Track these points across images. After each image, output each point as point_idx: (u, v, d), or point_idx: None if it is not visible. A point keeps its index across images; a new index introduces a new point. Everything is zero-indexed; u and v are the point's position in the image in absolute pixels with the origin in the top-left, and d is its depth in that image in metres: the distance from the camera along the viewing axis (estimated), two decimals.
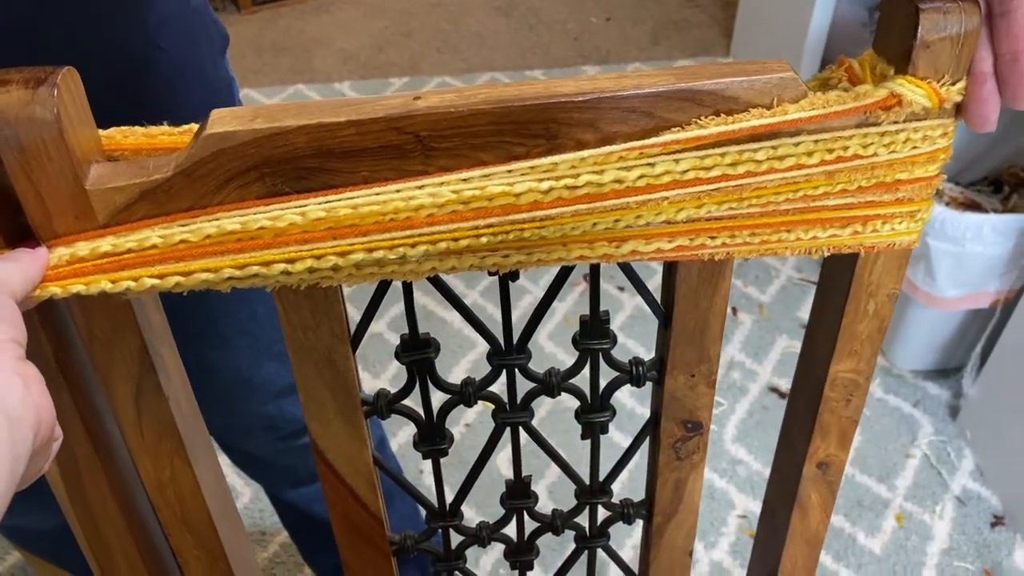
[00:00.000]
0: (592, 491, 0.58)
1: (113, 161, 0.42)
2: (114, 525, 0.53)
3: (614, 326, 1.61)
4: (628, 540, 1.26)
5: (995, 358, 1.37)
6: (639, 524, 0.61)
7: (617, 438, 1.40)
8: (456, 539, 0.60)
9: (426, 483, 1.44)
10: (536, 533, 0.61)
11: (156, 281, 0.40)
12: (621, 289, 1.72)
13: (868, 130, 0.41)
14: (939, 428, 1.48)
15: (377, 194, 0.40)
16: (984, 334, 1.42)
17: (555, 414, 1.47)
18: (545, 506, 1.30)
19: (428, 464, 1.40)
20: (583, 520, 0.61)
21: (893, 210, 0.45)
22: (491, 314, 1.64)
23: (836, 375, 0.53)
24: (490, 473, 1.29)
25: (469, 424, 1.53)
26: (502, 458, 1.41)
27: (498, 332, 0.50)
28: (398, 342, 0.49)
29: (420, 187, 0.40)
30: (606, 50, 2.43)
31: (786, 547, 0.64)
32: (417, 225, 0.40)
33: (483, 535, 0.59)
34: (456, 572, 0.61)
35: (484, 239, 0.41)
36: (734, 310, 1.69)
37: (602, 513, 0.60)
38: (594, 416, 0.54)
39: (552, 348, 1.61)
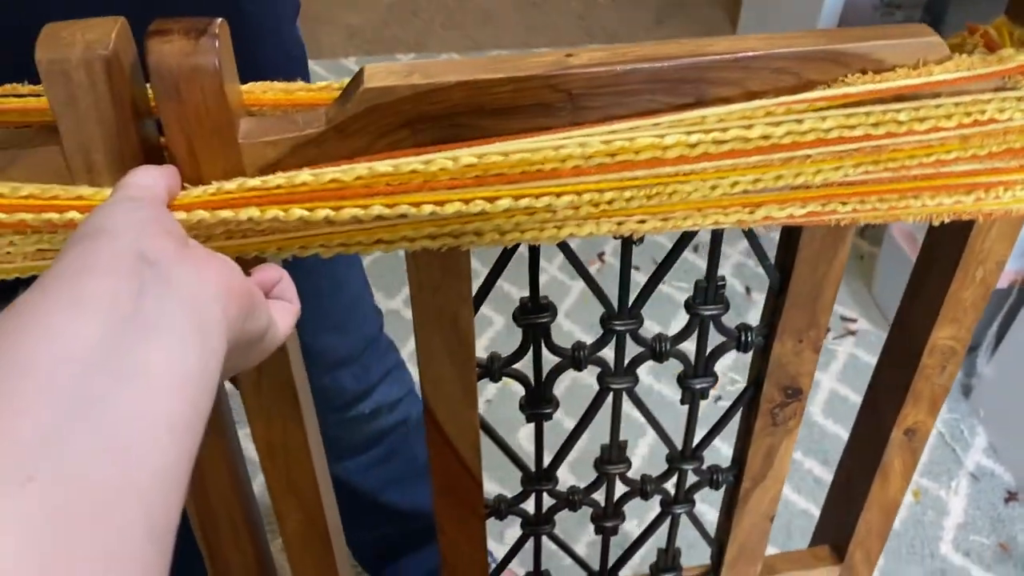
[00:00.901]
0: (684, 456, 0.59)
1: (255, 116, 0.41)
2: (220, 490, 0.52)
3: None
4: (705, 504, 1.27)
5: (1011, 338, 1.39)
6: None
7: (672, 399, 1.38)
8: (547, 503, 0.60)
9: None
10: (624, 498, 0.61)
11: (305, 213, 0.39)
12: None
13: (1006, 94, 0.42)
14: (952, 406, 1.51)
15: (527, 143, 0.39)
16: (1000, 314, 1.44)
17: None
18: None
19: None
20: (669, 485, 0.61)
21: (1016, 176, 0.45)
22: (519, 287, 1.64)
23: (936, 342, 0.54)
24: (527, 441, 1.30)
25: (490, 400, 1.53)
26: (524, 434, 1.41)
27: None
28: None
29: (569, 137, 0.40)
30: (611, 30, 2.43)
31: (863, 513, 0.65)
32: (564, 175, 0.40)
33: (575, 499, 0.60)
34: (543, 536, 0.62)
35: (628, 193, 0.41)
36: (747, 289, 1.70)
37: (690, 479, 0.61)
38: (697, 381, 0.54)
39: (569, 326, 1.61)
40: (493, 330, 1.61)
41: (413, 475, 1.10)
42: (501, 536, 1.35)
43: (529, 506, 0.60)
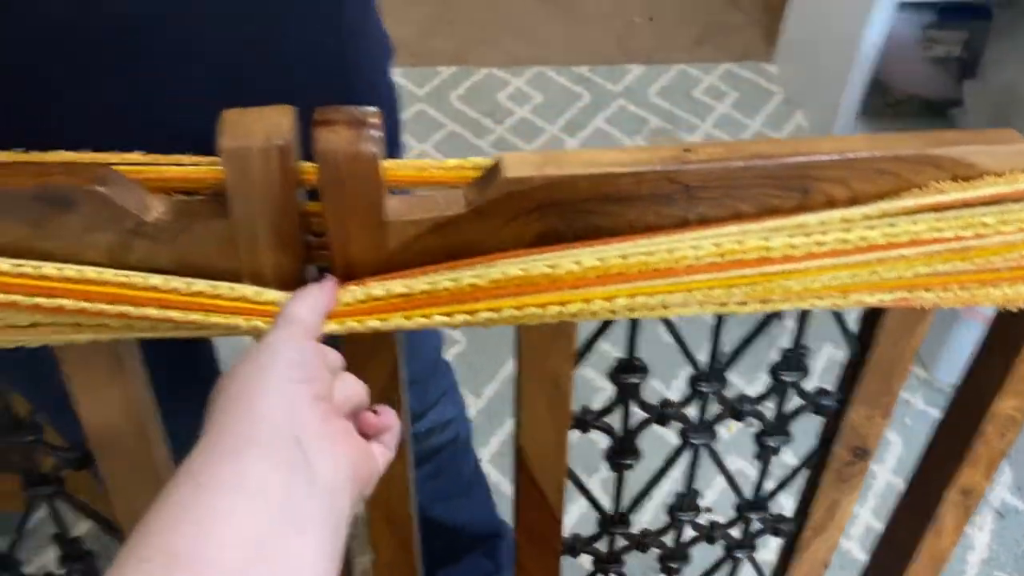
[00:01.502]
0: (753, 506, 0.62)
1: (396, 194, 0.45)
2: None
3: None
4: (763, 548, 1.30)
5: None
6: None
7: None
8: (619, 543, 0.64)
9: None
10: (692, 542, 0.65)
11: (445, 319, 0.43)
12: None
13: None
14: None
15: (644, 245, 0.43)
16: None
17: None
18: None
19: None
20: (735, 531, 0.65)
21: None
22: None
23: (997, 411, 0.57)
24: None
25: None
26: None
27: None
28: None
29: (681, 240, 0.43)
30: (650, 50, 2.46)
31: (911, 564, 0.68)
32: (678, 273, 0.44)
33: (646, 541, 0.63)
34: (612, 574, 0.65)
35: (736, 289, 0.44)
36: None
37: (754, 525, 0.64)
38: (773, 440, 0.58)
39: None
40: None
41: (458, 492, 1.14)
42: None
43: (601, 545, 0.64)
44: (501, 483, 1.50)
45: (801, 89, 2.19)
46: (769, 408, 0.57)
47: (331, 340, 0.42)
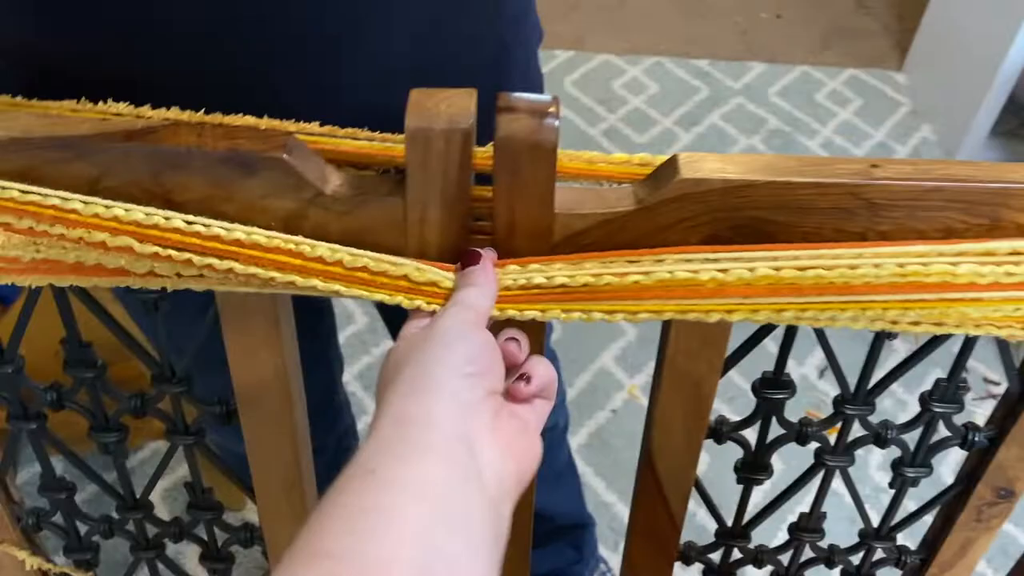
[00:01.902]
0: (879, 535, 0.60)
1: (567, 185, 0.45)
2: None
3: None
4: None
5: None
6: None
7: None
8: (734, 555, 0.63)
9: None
10: (809, 563, 0.63)
11: (605, 316, 0.42)
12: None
13: None
14: None
15: (821, 257, 0.42)
16: None
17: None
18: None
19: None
20: (855, 558, 0.63)
21: None
22: None
23: None
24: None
25: (615, 410, 1.56)
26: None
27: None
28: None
29: (861, 256, 0.42)
30: (774, 49, 2.39)
31: None
32: (855, 291, 0.42)
33: (762, 557, 0.62)
34: None
35: (911, 312, 0.43)
36: None
37: (877, 554, 0.62)
38: (912, 471, 0.55)
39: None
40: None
41: (551, 479, 1.14)
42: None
43: (715, 555, 0.63)
44: (586, 474, 1.49)
45: (930, 101, 2.10)
46: (912, 437, 0.54)
47: None
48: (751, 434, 0.55)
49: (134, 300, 0.47)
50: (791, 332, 0.49)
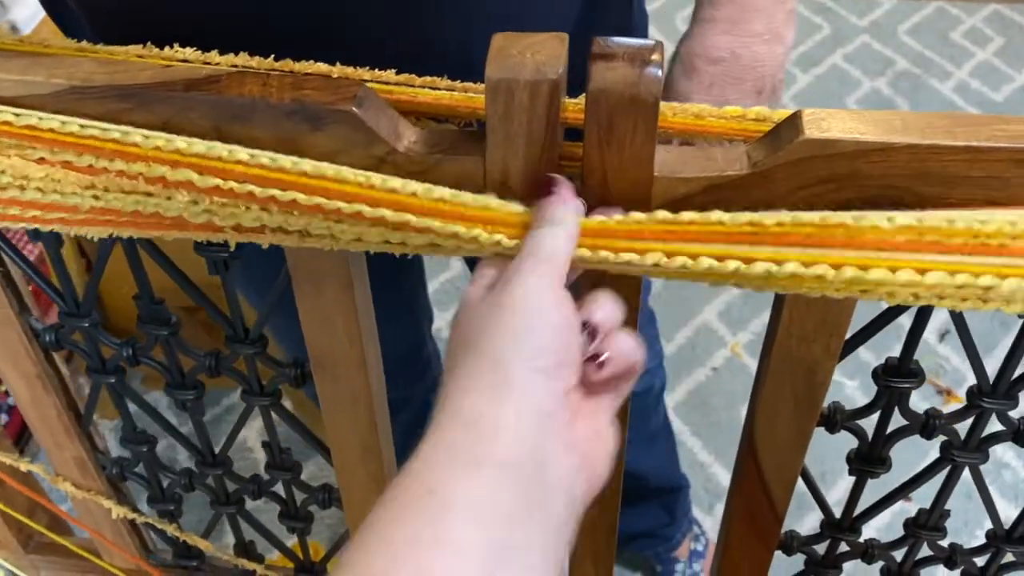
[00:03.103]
0: (1010, 539, 0.54)
1: (671, 144, 0.40)
2: None
3: None
4: None
5: None
6: None
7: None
8: (840, 547, 0.57)
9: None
10: (923, 562, 0.57)
11: (714, 263, 0.36)
12: None
13: None
14: None
15: (977, 213, 0.35)
16: None
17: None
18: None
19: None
20: (980, 559, 0.57)
21: None
22: None
23: None
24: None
25: (716, 368, 1.50)
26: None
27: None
28: None
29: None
30: None
31: None
32: (1015, 252, 0.35)
33: (872, 552, 0.56)
34: None
35: None
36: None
37: (1007, 559, 0.56)
38: None
39: None
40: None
41: (645, 440, 1.10)
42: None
43: (821, 547, 0.58)
44: (683, 433, 1.44)
45: None
46: None
47: None
48: (869, 423, 0.49)
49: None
50: (924, 313, 0.43)
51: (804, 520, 1.23)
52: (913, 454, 0.50)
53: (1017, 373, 0.45)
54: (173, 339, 0.50)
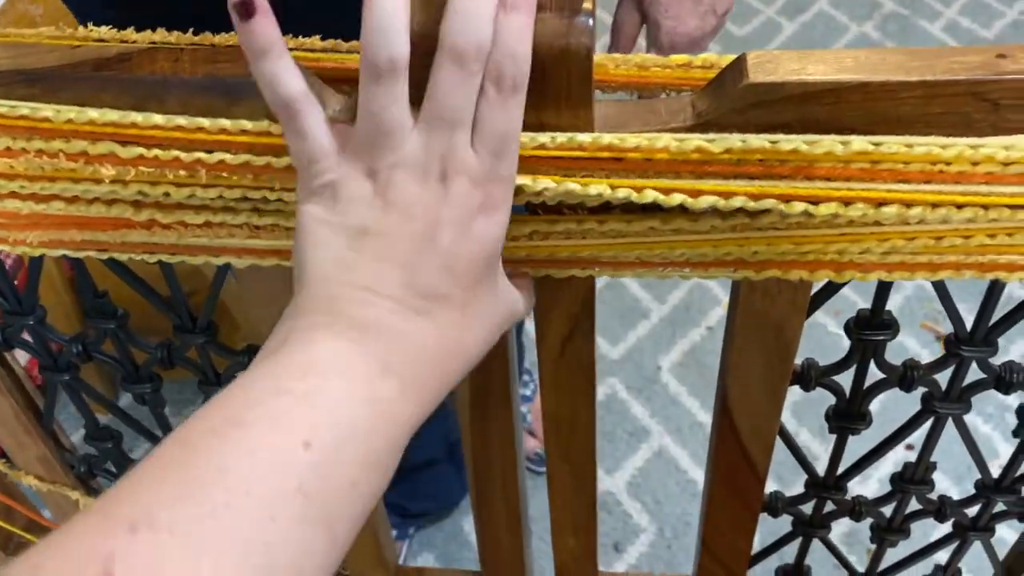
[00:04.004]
0: (1000, 488, 0.52)
1: (609, 99, 0.37)
2: (501, 444, 0.52)
3: None
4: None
5: None
6: None
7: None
8: (827, 507, 0.56)
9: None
10: (913, 515, 0.56)
11: (660, 196, 0.34)
12: None
13: None
14: None
15: (936, 140, 0.33)
16: None
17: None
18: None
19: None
20: (971, 510, 0.55)
21: None
22: None
23: None
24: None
25: (711, 327, 1.48)
26: None
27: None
28: None
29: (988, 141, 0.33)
30: None
31: None
32: (971, 180, 0.33)
33: (860, 509, 0.55)
34: (815, 538, 0.58)
35: None
36: None
37: (998, 507, 0.54)
38: None
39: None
40: None
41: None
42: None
43: (807, 507, 0.56)
44: (680, 394, 1.43)
45: None
46: None
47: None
48: (846, 379, 0.47)
49: None
50: None
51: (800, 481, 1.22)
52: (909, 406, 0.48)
53: (994, 319, 0.43)
54: (121, 332, 0.48)
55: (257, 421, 0.28)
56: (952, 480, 1.23)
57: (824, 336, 1.39)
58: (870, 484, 1.20)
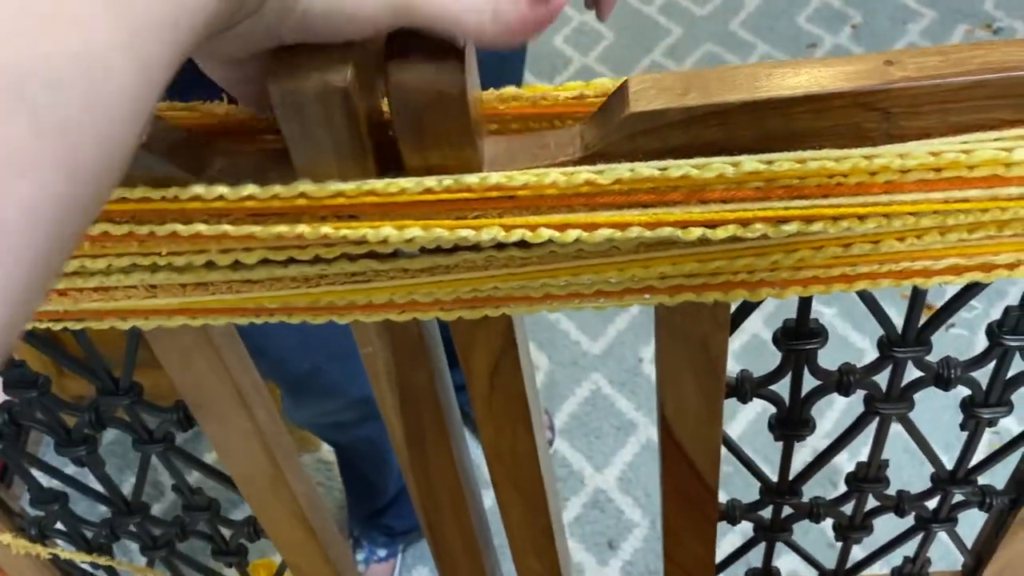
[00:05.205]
0: (955, 480, 0.51)
1: (500, 135, 0.36)
2: (447, 483, 0.51)
3: None
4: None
5: None
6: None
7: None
8: (786, 511, 0.55)
9: None
10: (875, 512, 0.55)
11: (555, 234, 0.33)
12: None
13: None
14: None
15: (829, 153, 0.32)
16: None
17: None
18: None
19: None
20: (930, 503, 0.54)
21: None
22: None
23: None
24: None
25: None
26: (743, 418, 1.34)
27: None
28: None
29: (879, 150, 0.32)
30: None
31: None
32: (870, 191, 0.32)
33: (818, 511, 0.54)
34: (778, 543, 0.57)
35: (953, 218, 0.33)
36: None
37: (956, 498, 0.53)
38: (987, 411, 0.46)
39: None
40: None
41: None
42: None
43: (766, 512, 0.56)
44: None
45: None
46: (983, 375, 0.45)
47: None
48: (784, 387, 0.46)
49: None
50: None
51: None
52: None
53: (923, 320, 0.42)
54: (45, 399, 0.47)
55: None
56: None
57: None
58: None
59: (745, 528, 0.57)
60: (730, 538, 0.55)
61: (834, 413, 1.29)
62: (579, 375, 1.46)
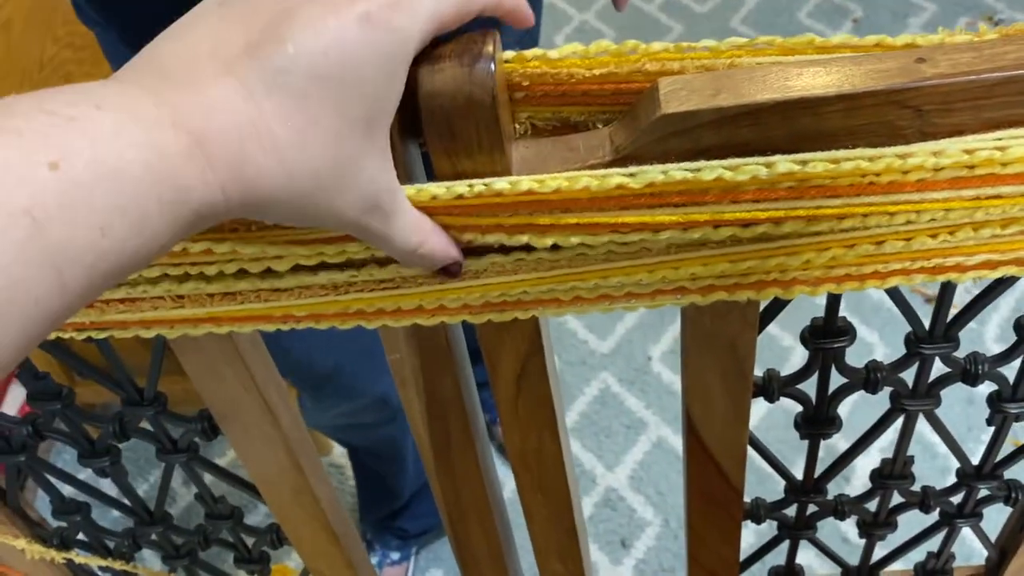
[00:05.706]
0: (980, 475, 0.51)
1: (530, 138, 0.36)
2: (472, 487, 0.51)
3: None
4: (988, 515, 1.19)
5: None
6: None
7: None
8: (810, 508, 0.55)
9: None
10: (900, 508, 0.55)
11: (587, 237, 0.34)
12: None
13: None
14: None
15: (863, 152, 0.32)
16: None
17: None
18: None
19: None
20: (955, 498, 0.54)
21: None
22: None
23: None
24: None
25: None
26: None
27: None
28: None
29: (912, 149, 0.32)
30: None
31: None
32: (902, 189, 0.32)
33: (843, 509, 0.54)
34: (803, 540, 0.57)
35: (981, 213, 0.33)
36: None
37: (982, 492, 0.53)
38: (1014, 407, 0.46)
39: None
40: None
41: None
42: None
43: (790, 510, 0.55)
44: (674, 383, 1.42)
45: None
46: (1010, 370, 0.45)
47: None
48: (810, 385, 0.46)
49: None
50: None
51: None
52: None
53: (952, 315, 0.42)
54: (69, 411, 0.47)
55: (2, 131, 0.23)
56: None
57: None
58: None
59: (760, 526, 0.56)
60: (745, 536, 0.55)
61: (843, 408, 1.29)
62: (588, 374, 1.45)
